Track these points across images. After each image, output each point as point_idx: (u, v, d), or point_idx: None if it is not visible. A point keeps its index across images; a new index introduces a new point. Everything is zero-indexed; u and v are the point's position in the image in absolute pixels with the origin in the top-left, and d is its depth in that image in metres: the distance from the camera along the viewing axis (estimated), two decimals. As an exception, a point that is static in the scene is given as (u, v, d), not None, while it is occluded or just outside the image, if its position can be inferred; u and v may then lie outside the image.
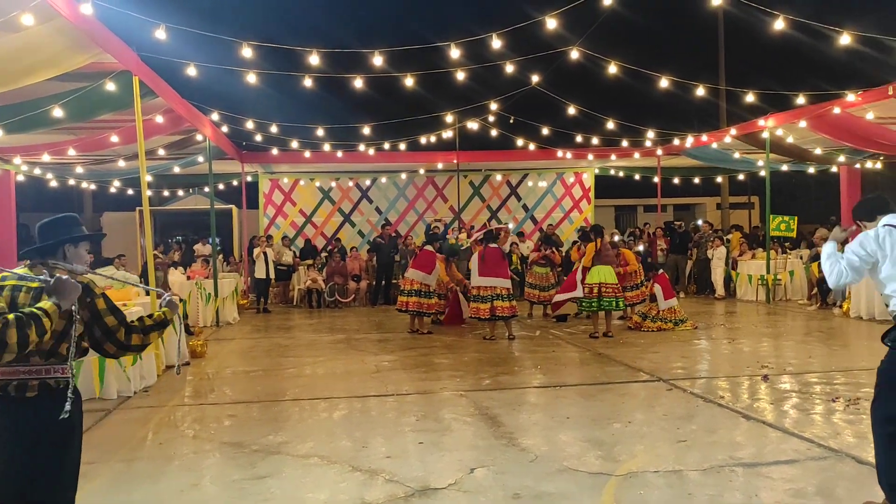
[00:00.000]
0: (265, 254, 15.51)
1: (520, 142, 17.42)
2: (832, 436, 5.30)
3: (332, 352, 9.81)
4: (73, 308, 2.89)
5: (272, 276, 15.78)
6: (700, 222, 20.43)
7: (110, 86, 8.63)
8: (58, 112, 9.33)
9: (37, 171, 16.25)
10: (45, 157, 13.77)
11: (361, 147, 17.19)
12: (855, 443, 5.09)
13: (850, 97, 11.61)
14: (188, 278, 13.02)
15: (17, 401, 2.84)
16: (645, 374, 7.79)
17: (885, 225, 3.87)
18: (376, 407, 6.61)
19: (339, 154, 17.37)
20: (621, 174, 21.39)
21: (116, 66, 8.11)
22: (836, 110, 12.13)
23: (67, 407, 2.87)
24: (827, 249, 4.00)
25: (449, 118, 15.97)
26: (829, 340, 9.97)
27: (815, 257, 14.24)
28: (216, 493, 4.39)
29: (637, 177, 21.65)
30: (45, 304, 2.73)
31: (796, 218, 14.82)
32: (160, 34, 8.29)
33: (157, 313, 3.30)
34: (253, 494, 4.34)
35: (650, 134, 16.63)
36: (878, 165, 16.92)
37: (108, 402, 6.87)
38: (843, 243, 4.15)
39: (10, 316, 2.62)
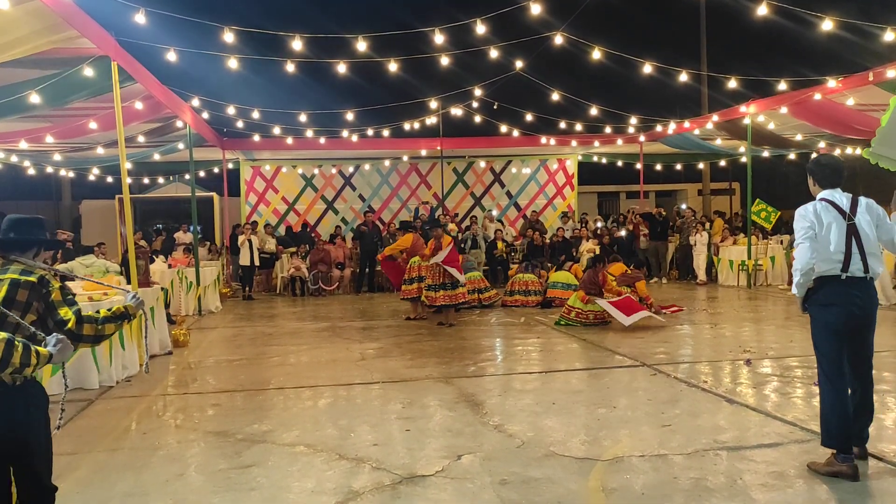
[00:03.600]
0: (250, 241, 15.43)
1: (503, 128, 17.40)
2: (813, 419, 5.32)
3: (316, 340, 9.78)
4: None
5: (257, 263, 15.71)
6: (684, 206, 20.55)
7: (88, 71, 8.49)
8: (35, 98, 9.17)
9: (14, 159, 16.00)
10: (23, 145, 13.55)
11: (344, 133, 17.09)
12: (836, 426, 5.15)
13: (831, 83, 11.69)
14: (169, 266, 12.91)
15: None
16: (628, 359, 7.83)
17: (821, 199, 4.30)
18: (362, 395, 6.59)
19: (322, 141, 17.26)
20: (604, 161, 21.47)
21: (94, 51, 7.97)
22: (817, 97, 12.22)
23: (61, 421, 2.87)
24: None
25: (433, 104, 15.90)
26: (809, 325, 10.04)
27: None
28: (202, 483, 4.36)
29: (620, 163, 21.73)
30: (43, 349, 2.76)
31: (779, 213, 14.82)
32: (139, 18, 8.16)
33: (116, 307, 3.28)
34: (239, 484, 4.32)
35: (633, 120, 16.68)
36: (858, 151, 17.07)
37: (90, 391, 6.79)
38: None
39: (3, 335, 2.62)
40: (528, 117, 16.76)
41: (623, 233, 17.68)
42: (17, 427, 2.84)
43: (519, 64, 13.83)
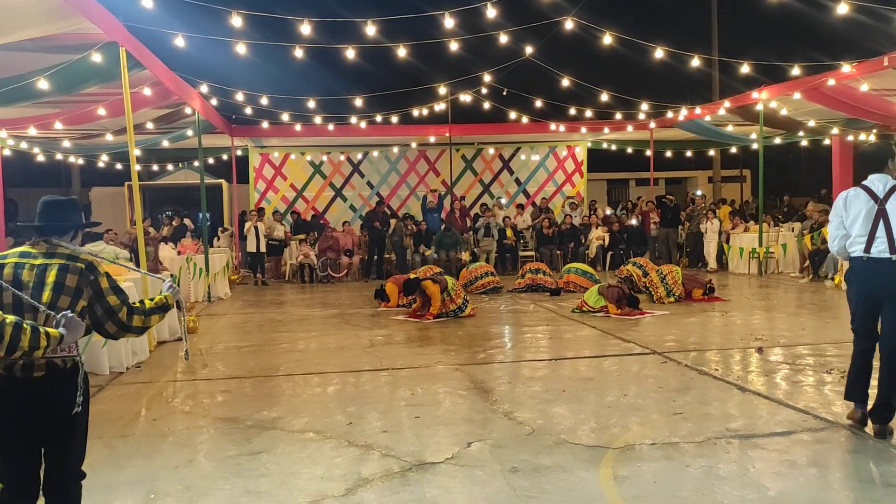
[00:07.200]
0: (256, 228, 15.44)
1: (513, 115, 17.30)
2: (826, 407, 5.31)
3: (325, 326, 9.78)
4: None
5: (262, 249, 15.73)
6: (699, 193, 20.41)
7: (96, 57, 8.45)
8: (43, 84, 9.14)
9: (23, 146, 16.02)
10: (32, 131, 13.55)
11: (353, 120, 17.04)
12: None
13: (846, 68, 11.54)
14: (179, 253, 12.93)
15: (25, 381, 2.80)
16: (638, 346, 7.79)
17: (861, 185, 4.68)
18: (370, 381, 6.59)
19: (331, 127, 17.21)
20: (614, 147, 21.34)
21: (102, 36, 7.92)
22: (831, 82, 12.06)
23: (79, 399, 2.85)
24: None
25: (441, 90, 15.81)
26: (821, 313, 10.01)
27: (812, 229, 14.26)
28: (211, 469, 4.36)
29: (629, 150, 21.59)
30: (53, 331, 2.72)
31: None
32: (147, 3, 8.11)
33: (158, 297, 3.26)
34: (248, 470, 4.32)
35: (643, 106, 16.54)
36: (872, 138, 16.88)
37: (100, 377, 6.81)
38: None
39: (11, 318, 2.60)
40: (538, 103, 16.66)
41: (634, 221, 17.58)
42: (67, 408, 2.85)
43: (529, 49, 13.71)
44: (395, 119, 17.22)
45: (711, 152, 23.82)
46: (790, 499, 3.73)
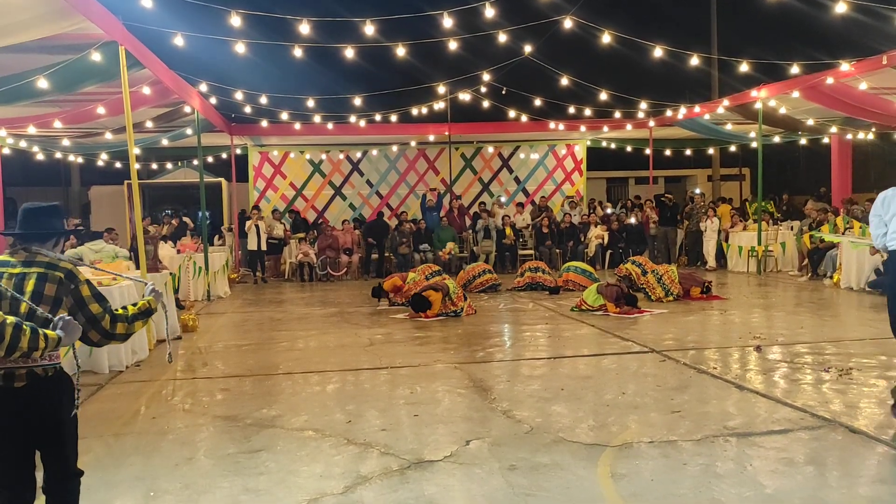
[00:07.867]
0: (257, 226, 15.46)
1: (512, 113, 17.30)
2: (824, 405, 5.32)
3: (324, 325, 9.79)
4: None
5: (264, 248, 15.75)
6: (698, 191, 20.42)
7: (96, 56, 8.45)
8: (43, 83, 9.14)
9: (23, 144, 16.02)
10: (31, 130, 13.56)
11: (352, 119, 17.04)
12: (847, 411, 5.13)
13: (845, 67, 11.55)
14: (178, 252, 12.94)
15: (6, 391, 2.80)
16: (637, 345, 7.80)
17: None
18: (370, 380, 6.60)
19: (330, 126, 17.21)
20: (613, 146, 21.34)
21: (102, 35, 7.93)
22: (830, 80, 12.07)
23: (77, 402, 2.90)
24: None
25: (441, 89, 15.81)
26: (819, 311, 10.02)
27: (811, 227, 14.27)
28: (211, 467, 4.37)
29: (629, 149, 21.59)
30: (51, 333, 2.74)
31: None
32: (146, 2, 8.11)
33: (141, 302, 3.26)
34: (248, 468, 4.33)
35: (642, 105, 16.54)
36: (871, 136, 16.91)
37: (99, 376, 6.82)
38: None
39: (11, 319, 2.62)
40: (537, 102, 16.66)
41: (633, 220, 17.59)
42: (52, 415, 2.87)
43: (528, 48, 13.72)
44: (394, 118, 17.21)
45: (711, 151, 23.83)
46: (787, 496, 3.74)
